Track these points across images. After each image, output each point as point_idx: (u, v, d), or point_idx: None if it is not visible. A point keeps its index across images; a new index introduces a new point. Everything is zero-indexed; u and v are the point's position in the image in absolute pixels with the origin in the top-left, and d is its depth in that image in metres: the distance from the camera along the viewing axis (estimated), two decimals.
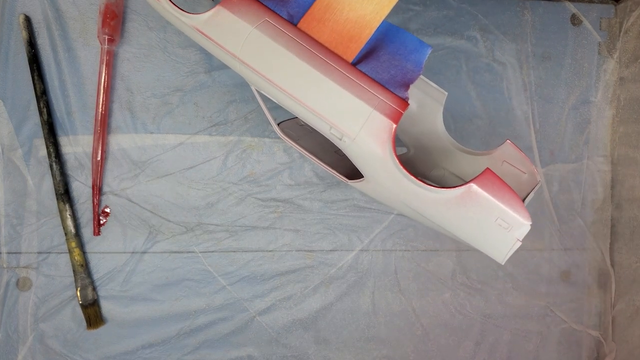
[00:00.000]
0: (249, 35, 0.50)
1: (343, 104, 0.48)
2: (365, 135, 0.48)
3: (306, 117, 0.50)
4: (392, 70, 0.49)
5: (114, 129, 0.73)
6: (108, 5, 0.71)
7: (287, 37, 0.49)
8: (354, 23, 0.49)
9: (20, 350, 0.71)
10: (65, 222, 0.71)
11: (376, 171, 0.50)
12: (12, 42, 0.71)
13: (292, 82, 0.49)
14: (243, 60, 0.50)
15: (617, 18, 0.83)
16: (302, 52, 0.49)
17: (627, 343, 0.79)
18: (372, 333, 0.79)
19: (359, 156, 0.50)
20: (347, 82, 0.48)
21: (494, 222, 0.50)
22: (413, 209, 0.53)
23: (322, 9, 0.50)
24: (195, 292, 0.75)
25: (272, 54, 0.49)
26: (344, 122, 0.48)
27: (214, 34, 0.51)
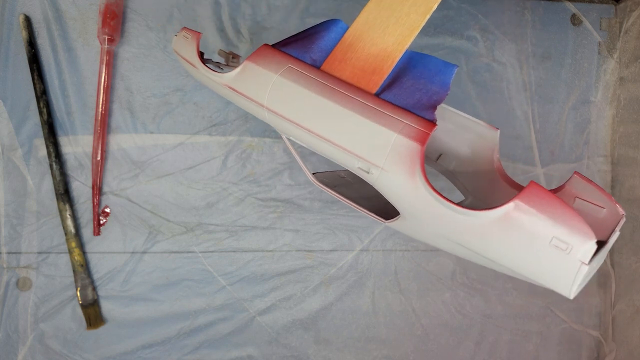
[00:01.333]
0: (274, 82, 0.50)
1: (367, 134, 0.46)
2: (392, 162, 0.45)
3: (335, 155, 0.49)
4: (417, 94, 0.47)
5: (114, 128, 0.73)
6: (108, 5, 0.71)
7: (310, 79, 0.49)
8: (375, 57, 0.49)
9: (20, 350, 0.71)
10: (65, 222, 0.71)
11: (409, 201, 0.46)
12: (12, 42, 0.71)
13: (317, 121, 0.48)
14: (270, 107, 0.50)
15: (617, 18, 0.83)
16: (324, 90, 0.48)
17: (627, 343, 0.79)
18: (372, 333, 0.79)
19: (390, 188, 0.47)
20: (370, 112, 0.46)
21: (549, 244, 0.41)
22: (455, 241, 0.47)
23: (344, 50, 0.50)
24: (195, 292, 0.75)
25: (296, 97, 0.49)
26: (369, 152, 0.46)
27: (242, 88, 0.52)
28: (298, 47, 0.52)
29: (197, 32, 0.57)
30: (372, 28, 0.49)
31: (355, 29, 0.50)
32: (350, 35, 0.50)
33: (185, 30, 0.58)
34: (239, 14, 0.75)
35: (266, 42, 0.53)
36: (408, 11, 0.49)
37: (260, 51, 0.52)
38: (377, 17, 0.49)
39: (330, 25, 0.52)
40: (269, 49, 0.52)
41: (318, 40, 0.52)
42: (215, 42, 0.75)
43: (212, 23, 0.75)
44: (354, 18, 0.52)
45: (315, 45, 0.51)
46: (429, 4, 0.48)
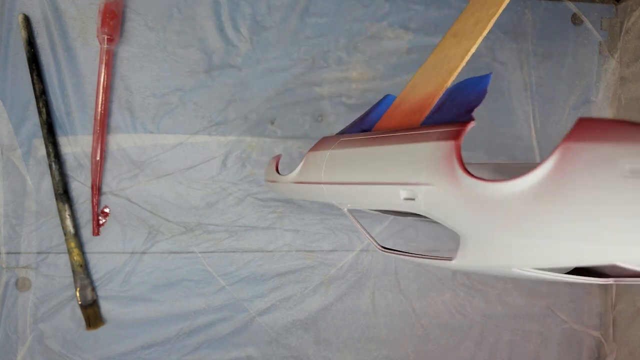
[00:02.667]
0: (327, 158, 0.51)
1: (406, 158, 0.41)
2: (431, 172, 0.38)
3: (381, 197, 0.44)
4: (455, 109, 0.43)
5: (114, 128, 0.73)
6: (107, 5, 0.70)
7: (358, 140, 0.49)
8: (418, 102, 0.47)
9: (20, 350, 0.71)
10: (65, 222, 0.71)
11: (461, 210, 0.37)
12: (11, 41, 0.71)
13: (363, 171, 0.46)
14: (326, 181, 0.51)
15: (618, 18, 0.83)
16: (370, 142, 0.47)
17: (627, 343, 0.79)
18: (372, 333, 0.79)
19: (439, 205, 0.38)
20: (407, 138, 0.43)
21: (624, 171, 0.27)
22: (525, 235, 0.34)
23: (391, 110, 0.50)
24: (194, 293, 0.75)
25: (347, 160, 0.49)
26: (410, 173, 0.40)
27: (305, 177, 0.54)
28: (351, 126, 0.54)
29: (277, 155, 0.63)
30: (416, 87, 0.49)
31: (402, 93, 0.50)
32: (398, 99, 0.51)
33: (272, 160, 0.63)
34: (239, 14, 0.75)
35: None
36: (447, 60, 0.48)
37: (319, 141, 0.55)
38: (422, 78, 0.49)
39: (381, 100, 0.53)
40: (327, 137, 0.55)
41: (368, 114, 0.53)
42: (215, 42, 0.75)
43: (212, 23, 0.75)
44: (353, 17, 0.52)
45: (365, 119, 0.53)
46: (467, 51, 0.47)
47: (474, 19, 0.48)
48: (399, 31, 0.78)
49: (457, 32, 0.48)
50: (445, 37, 0.49)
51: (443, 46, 0.49)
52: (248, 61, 0.76)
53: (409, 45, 0.78)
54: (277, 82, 0.76)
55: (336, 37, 0.77)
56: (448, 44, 0.48)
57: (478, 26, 0.47)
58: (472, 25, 0.47)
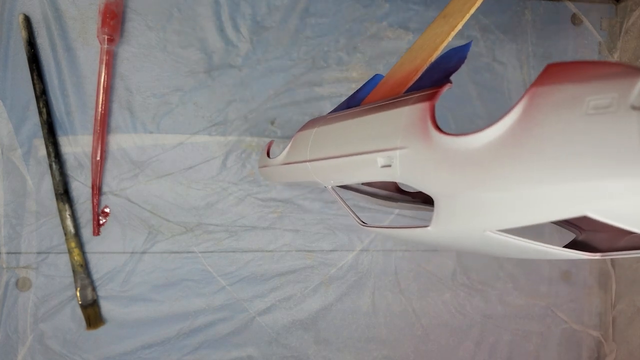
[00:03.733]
0: (313, 135, 0.51)
1: (383, 124, 0.41)
2: (406, 135, 0.37)
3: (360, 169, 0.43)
4: (435, 76, 0.41)
5: (114, 128, 0.73)
6: (108, 5, 0.71)
7: (342, 115, 0.49)
8: (405, 76, 0.47)
9: (20, 350, 0.71)
10: (65, 222, 0.71)
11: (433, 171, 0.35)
12: (11, 41, 0.71)
13: (344, 143, 0.46)
14: (310, 158, 0.50)
15: (618, 18, 0.83)
16: (352, 115, 0.47)
17: (627, 343, 0.79)
18: (372, 333, 0.79)
19: (413, 168, 0.37)
20: (385, 107, 0.42)
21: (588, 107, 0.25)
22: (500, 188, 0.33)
23: (378, 87, 0.50)
24: (195, 293, 0.75)
25: (329, 136, 0.49)
26: (386, 139, 0.39)
27: (292, 157, 0.53)
28: (340, 106, 0.54)
29: (269, 141, 0.64)
30: (403, 64, 0.49)
31: (390, 71, 0.50)
32: (385, 77, 0.51)
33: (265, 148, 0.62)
34: (239, 14, 0.75)
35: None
36: (434, 37, 0.48)
37: (308, 122, 0.55)
38: (408, 56, 0.49)
39: (370, 79, 0.54)
40: (315, 118, 0.55)
41: (358, 92, 0.53)
42: (215, 42, 0.75)
43: (212, 23, 0.75)
44: (353, 17, 0.52)
45: (354, 97, 0.53)
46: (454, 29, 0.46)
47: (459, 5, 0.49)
48: (399, 31, 0.78)
49: (446, 14, 0.49)
50: (436, 19, 0.50)
51: (432, 27, 0.49)
52: (248, 61, 0.76)
53: (408, 46, 0.78)
54: (277, 82, 0.76)
55: (336, 37, 0.77)
56: (437, 24, 0.49)
57: (466, 5, 0.48)
58: (461, 4, 0.49)
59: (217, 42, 0.75)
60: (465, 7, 0.48)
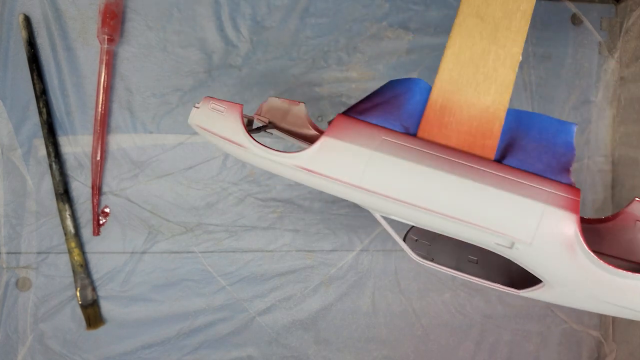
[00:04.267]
0: (370, 159, 0.44)
1: (506, 207, 0.41)
2: (543, 236, 0.41)
3: (459, 232, 0.44)
4: (544, 158, 0.43)
5: (114, 128, 0.73)
6: (108, 5, 0.71)
7: (414, 150, 0.43)
8: (479, 119, 0.44)
9: (20, 350, 0.71)
10: (65, 222, 0.71)
11: (564, 273, 0.43)
12: (11, 41, 0.71)
13: (436, 198, 0.43)
14: (368, 188, 0.44)
15: (618, 18, 0.82)
16: (437, 161, 0.43)
17: (627, 343, 0.79)
18: (372, 333, 0.79)
19: (539, 261, 0.42)
20: (500, 181, 0.41)
21: None
22: (623, 306, 0.44)
23: (438, 113, 0.44)
24: (195, 293, 0.75)
25: (403, 173, 0.43)
26: (513, 227, 0.41)
27: (325, 169, 0.44)
28: (381, 114, 0.45)
29: (236, 103, 0.47)
30: (462, 87, 0.44)
31: (441, 88, 0.45)
32: (438, 96, 0.45)
33: (214, 101, 0.48)
34: (239, 14, 0.75)
35: (341, 113, 0.45)
36: (494, 65, 0.44)
37: (340, 124, 0.45)
38: (462, 74, 0.45)
39: (411, 86, 0.46)
40: (349, 120, 0.45)
41: (403, 104, 0.46)
42: (215, 42, 0.75)
43: (212, 23, 0.75)
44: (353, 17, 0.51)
45: (401, 110, 0.45)
46: (514, 57, 0.44)
47: (499, 3, 0.45)
48: (399, 31, 0.78)
49: (482, 14, 0.44)
50: (465, 15, 0.45)
51: (468, 29, 0.45)
52: (248, 61, 0.76)
53: (408, 46, 0.78)
54: (277, 82, 0.76)
55: (336, 37, 0.77)
56: (473, 26, 0.45)
57: (515, 15, 0.45)
58: (499, 11, 0.44)
59: (217, 42, 0.75)
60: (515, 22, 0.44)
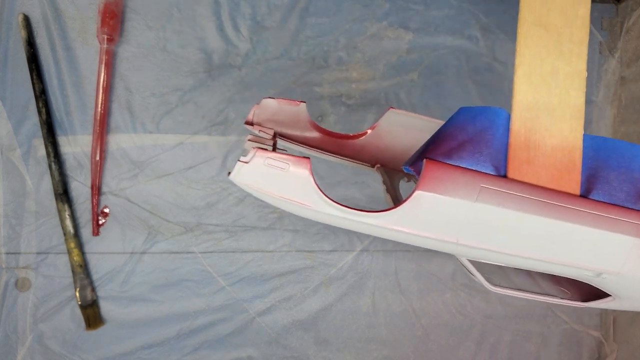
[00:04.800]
0: (470, 211, 0.41)
1: (597, 243, 0.42)
2: (632, 266, 0.43)
3: (549, 269, 0.44)
4: (625, 187, 0.44)
5: (113, 128, 0.73)
6: (107, 5, 0.70)
7: (508, 195, 0.41)
8: (562, 150, 0.43)
9: (20, 350, 0.71)
10: (64, 222, 0.70)
11: (638, 290, 0.46)
12: (11, 41, 0.71)
13: (534, 244, 0.42)
14: (467, 243, 0.42)
15: (619, 18, 0.82)
16: (533, 206, 0.42)
17: (628, 343, 0.79)
18: (373, 333, 0.78)
19: (620, 285, 0.45)
20: (592, 219, 0.42)
21: None
22: None
23: (523, 147, 0.43)
24: (194, 293, 0.74)
25: (503, 223, 0.41)
26: (602, 261, 0.43)
27: (418, 226, 0.41)
28: (471, 155, 0.42)
29: (302, 157, 0.41)
30: (540, 113, 0.43)
31: (520, 115, 0.43)
32: (520, 126, 0.43)
33: (271, 156, 0.41)
34: (239, 14, 0.75)
35: (429, 158, 0.42)
36: (565, 86, 0.43)
37: (432, 173, 0.41)
38: (537, 98, 0.43)
39: (494, 119, 0.44)
40: (441, 167, 0.41)
41: (491, 141, 0.43)
42: (215, 41, 0.75)
43: (212, 23, 0.75)
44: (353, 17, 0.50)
45: (491, 149, 0.42)
46: (581, 76, 0.43)
47: (559, 9, 0.43)
48: (399, 31, 0.78)
49: (544, 22, 0.43)
50: (529, 24, 0.43)
51: (534, 41, 0.43)
52: (248, 61, 0.75)
53: (409, 45, 0.78)
54: (277, 82, 0.76)
55: (336, 37, 0.77)
56: (537, 38, 0.43)
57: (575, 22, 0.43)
58: (560, 18, 0.43)
59: (217, 42, 0.75)
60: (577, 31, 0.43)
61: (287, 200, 0.42)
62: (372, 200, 0.77)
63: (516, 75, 0.43)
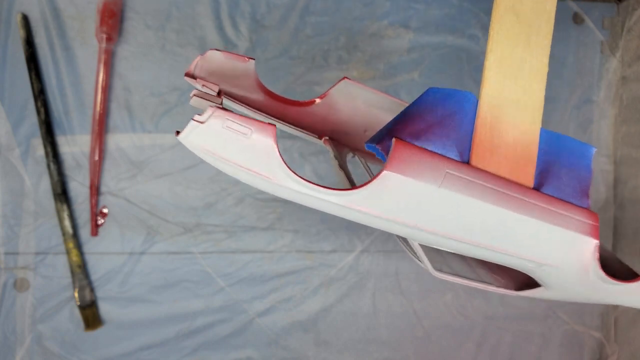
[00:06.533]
0: (433, 196, 0.40)
1: (544, 237, 0.43)
2: (567, 259, 0.44)
3: (493, 258, 0.44)
4: (573, 183, 0.45)
5: (112, 128, 0.73)
6: (106, 4, 0.70)
7: (470, 183, 0.41)
8: (521, 142, 0.43)
9: (18, 351, 0.71)
10: (63, 222, 0.70)
11: (571, 284, 0.46)
12: (9, 41, 0.71)
13: (488, 234, 0.42)
14: (426, 228, 0.41)
15: (620, 17, 0.82)
16: (491, 196, 0.41)
17: (629, 344, 0.79)
18: (373, 335, 0.78)
19: (555, 277, 0.45)
20: (541, 212, 0.43)
21: None
22: (601, 301, 0.49)
23: (487, 136, 0.42)
24: (193, 294, 0.74)
25: (462, 210, 0.41)
26: (547, 255, 0.44)
27: (382, 210, 0.40)
28: (438, 138, 0.41)
29: (267, 123, 0.38)
30: (506, 103, 0.43)
31: (488, 103, 0.42)
32: (486, 113, 0.42)
33: (231, 117, 0.36)
34: (238, 13, 0.75)
35: (397, 135, 0.41)
36: (529, 78, 0.43)
37: (401, 154, 0.40)
38: (505, 86, 0.43)
39: (463, 103, 0.42)
40: (409, 149, 0.40)
41: (459, 125, 0.42)
42: (214, 41, 0.74)
43: (211, 22, 0.74)
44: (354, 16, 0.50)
45: (458, 133, 0.42)
46: (543, 70, 0.43)
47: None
48: (400, 30, 0.78)
49: (517, 10, 0.42)
50: (502, 9, 0.42)
51: (507, 28, 0.42)
52: None
53: (409, 44, 0.78)
54: (277, 81, 0.76)
55: (336, 36, 0.77)
56: (510, 26, 0.42)
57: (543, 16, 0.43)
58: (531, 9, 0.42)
59: (216, 41, 0.74)
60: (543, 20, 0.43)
61: (246, 170, 0.39)
62: None
63: (487, 61, 0.42)
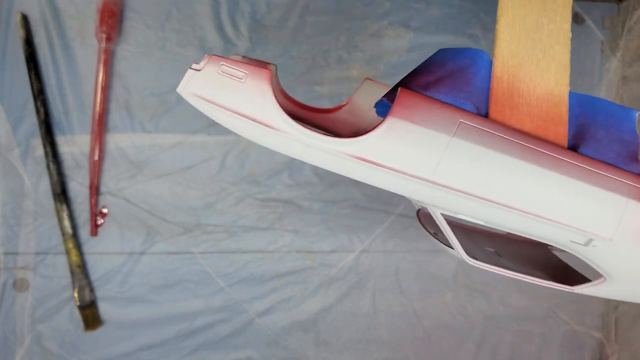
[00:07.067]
0: (448, 146, 0.37)
1: (588, 201, 0.39)
2: (625, 232, 0.39)
3: (532, 231, 0.41)
4: (615, 146, 0.41)
5: (112, 128, 0.73)
6: (106, 4, 0.70)
7: (495, 136, 0.38)
8: (547, 101, 0.41)
9: (18, 351, 0.71)
10: (63, 222, 0.70)
11: (633, 266, 0.41)
12: (9, 40, 0.71)
13: (518, 193, 0.39)
14: (441, 183, 0.38)
15: (620, 17, 0.82)
16: (518, 149, 0.38)
17: (629, 344, 0.78)
18: (373, 335, 0.78)
19: (614, 258, 0.41)
20: (582, 172, 0.39)
21: None
22: None
23: (506, 92, 0.41)
24: (193, 294, 0.74)
25: (485, 164, 0.38)
26: (594, 224, 0.39)
27: (390, 160, 0.37)
28: (450, 90, 0.39)
29: (262, 66, 0.37)
30: (524, 62, 0.41)
31: (503, 62, 0.41)
32: (502, 72, 0.41)
33: (226, 63, 0.37)
34: (238, 12, 0.75)
35: (404, 86, 0.39)
36: (549, 41, 0.41)
37: (408, 101, 0.38)
38: (521, 48, 0.41)
39: (476, 58, 0.41)
40: (417, 97, 0.38)
41: (471, 79, 0.40)
42: (214, 40, 0.74)
43: (211, 21, 0.74)
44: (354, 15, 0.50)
45: (471, 87, 0.40)
46: (566, 35, 0.41)
47: None
48: (400, 30, 0.78)
49: None
50: None
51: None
52: None
53: (409, 44, 0.78)
54: None
55: (336, 36, 0.77)
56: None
57: None
58: None
59: (216, 41, 0.74)
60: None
61: (242, 117, 0.38)
62: (372, 200, 0.77)
63: (499, 24, 0.40)
